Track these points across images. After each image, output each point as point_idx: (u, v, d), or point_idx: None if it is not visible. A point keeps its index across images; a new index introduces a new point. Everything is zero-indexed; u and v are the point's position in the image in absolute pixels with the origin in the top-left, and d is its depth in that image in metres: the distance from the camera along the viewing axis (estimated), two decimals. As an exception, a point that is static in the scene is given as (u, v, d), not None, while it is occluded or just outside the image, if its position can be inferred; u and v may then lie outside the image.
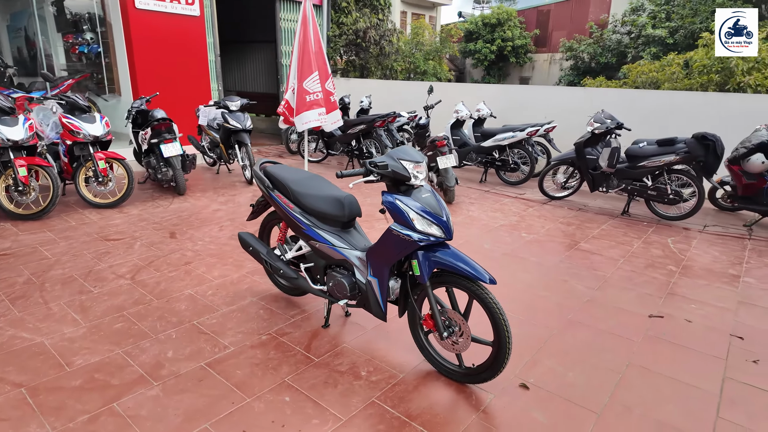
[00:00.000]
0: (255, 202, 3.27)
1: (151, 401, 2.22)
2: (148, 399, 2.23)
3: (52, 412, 2.12)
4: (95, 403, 2.19)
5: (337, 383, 2.40)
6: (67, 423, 2.06)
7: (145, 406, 2.18)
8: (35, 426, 2.04)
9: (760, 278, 3.92)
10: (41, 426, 2.04)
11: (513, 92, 8.52)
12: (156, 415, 2.13)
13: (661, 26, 16.25)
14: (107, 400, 2.22)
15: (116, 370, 2.44)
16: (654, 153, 5.35)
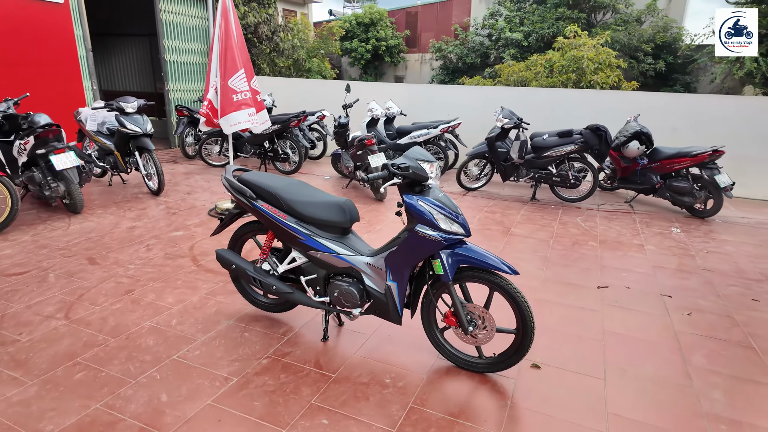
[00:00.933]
0: (223, 215, 2.96)
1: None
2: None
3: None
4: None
5: (367, 395, 2.32)
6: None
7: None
8: None
9: (657, 245, 4.71)
10: None
11: (417, 91, 8.89)
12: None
13: (516, 30, 18.20)
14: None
15: (107, 428, 2.03)
16: (556, 144, 6.06)
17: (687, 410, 2.28)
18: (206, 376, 2.41)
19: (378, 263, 2.48)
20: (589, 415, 2.22)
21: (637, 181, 6.14)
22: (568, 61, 11.94)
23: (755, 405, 2.35)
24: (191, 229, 4.65)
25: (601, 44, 12.54)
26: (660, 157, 5.91)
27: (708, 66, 16.01)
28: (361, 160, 6.02)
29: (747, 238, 5.06)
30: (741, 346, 2.88)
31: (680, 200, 5.81)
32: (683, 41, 16.68)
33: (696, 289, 3.71)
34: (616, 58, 12.08)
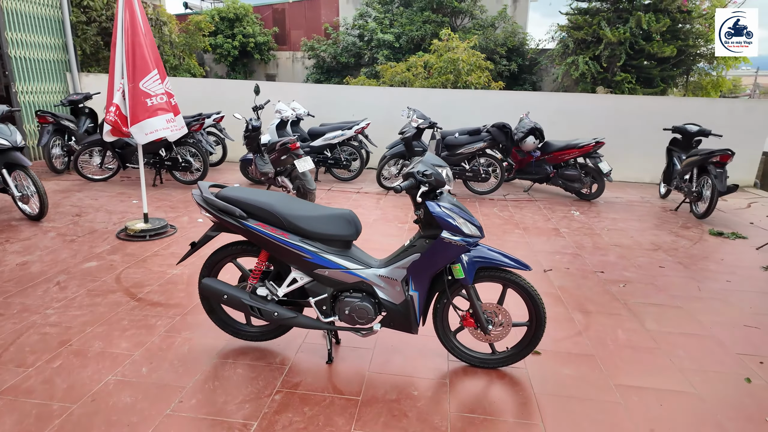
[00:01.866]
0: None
1: None
2: None
3: None
4: None
5: (404, 412, 2.24)
6: None
7: None
8: None
9: (568, 227, 5.35)
10: None
11: (318, 91, 8.71)
12: None
13: (388, 32, 18.89)
14: None
15: None
16: (467, 141, 6.48)
17: (664, 367, 2.66)
18: (220, 426, 2.10)
19: (393, 274, 2.41)
20: (599, 389, 2.46)
21: (532, 172, 6.87)
22: (445, 62, 12.78)
23: (699, 353, 2.83)
24: (106, 258, 3.95)
25: (471, 47, 13.68)
26: (551, 150, 6.69)
27: (548, 67, 18.48)
28: (284, 165, 5.73)
29: (628, 214, 6.03)
30: (672, 307, 3.44)
31: (571, 186, 6.66)
32: (528, 45, 18.95)
33: (616, 263, 4.31)
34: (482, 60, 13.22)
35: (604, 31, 14.21)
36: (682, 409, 2.32)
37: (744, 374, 2.62)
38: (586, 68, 14.64)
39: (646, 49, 15.10)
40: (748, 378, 2.58)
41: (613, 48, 14.52)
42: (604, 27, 14.41)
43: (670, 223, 5.70)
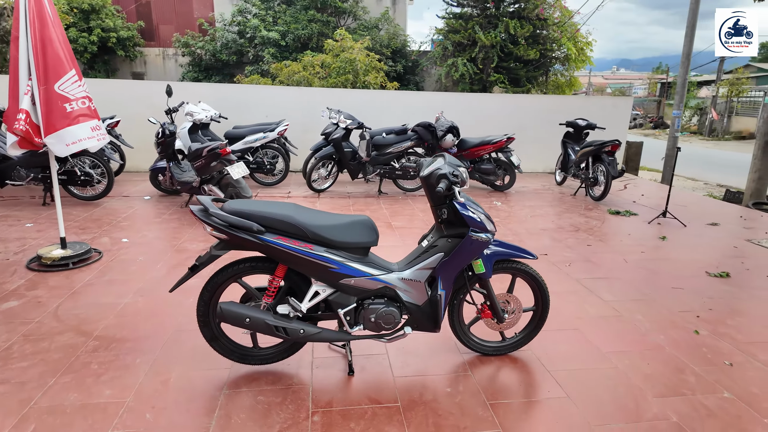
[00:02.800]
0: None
1: None
2: None
3: None
4: None
5: (448, 410, 2.27)
6: None
7: None
8: None
9: (497, 216, 5.80)
10: None
11: (227, 91, 8.15)
12: None
13: (272, 29, 18.35)
14: None
15: None
16: (395, 141, 6.64)
17: (632, 331, 3.07)
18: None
19: (416, 276, 2.42)
20: (595, 358, 2.76)
21: (452, 168, 7.28)
22: (343, 62, 12.86)
23: (651, 315, 3.33)
24: (27, 295, 3.29)
25: (365, 48, 13.94)
26: (468, 146, 7.16)
27: (429, 68, 19.62)
28: (210, 172, 5.30)
29: (540, 201, 6.73)
30: (614, 279, 3.97)
31: (487, 179, 7.21)
32: (410, 47, 19.86)
33: (553, 245, 4.81)
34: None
35: (478, 35, 15.46)
36: (663, 362, 2.72)
37: (691, 328, 3.14)
38: (465, 69, 15.86)
39: (514, 52, 16.78)
40: (696, 330, 3.10)
41: (487, 51, 15.90)
42: (478, 31, 15.70)
43: (576, 206, 6.50)
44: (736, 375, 2.62)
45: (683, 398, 2.40)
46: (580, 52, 20.13)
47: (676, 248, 4.84)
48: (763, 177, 8.26)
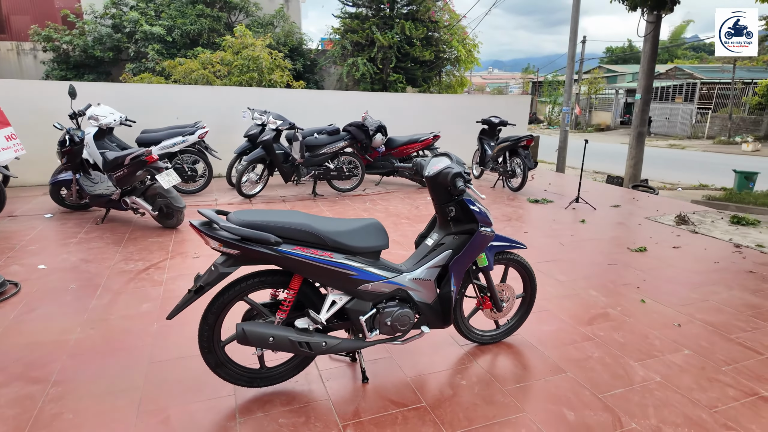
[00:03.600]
0: (203, 281, 2.07)
1: None
2: None
3: None
4: None
5: (472, 402, 2.33)
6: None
7: None
8: None
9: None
10: None
11: (128, 91, 7.28)
12: None
13: (156, 24, 16.90)
14: None
15: None
16: (328, 141, 6.53)
17: (593, 305, 3.42)
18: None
19: (426, 275, 2.44)
20: (573, 334, 3.03)
21: (380, 166, 7.39)
22: (245, 60, 12.30)
23: (602, 291, 3.74)
24: None
25: (267, 45, 13.47)
26: (396, 145, 7.32)
27: (328, 67, 19.61)
28: (134, 182, 4.76)
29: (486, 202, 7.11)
30: (560, 261, 4.36)
31: (415, 176, 7.42)
32: (306, 45, 19.61)
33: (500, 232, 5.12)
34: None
35: (376, 35, 15.80)
36: (629, 331, 3.07)
37: (637, 298, 3.59)
38: (366, 69, 16.13)
39: (410, 53, 17.45)
40: (642, 299, 3.56)
41: (385, 51, 16.32)
42: (375, 31, 16.03)
43: (500, 197, 6.99)
44: (686, 333, 3.05)
45: (657, 359, 2.74)
46: (468, 53, 21.50)
47: (595, 229, 5.46)
48: (638, 163, 9.66)
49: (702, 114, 26.25)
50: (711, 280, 3.97)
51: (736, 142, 22.05)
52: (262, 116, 6.44)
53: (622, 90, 34.48)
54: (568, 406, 2.31)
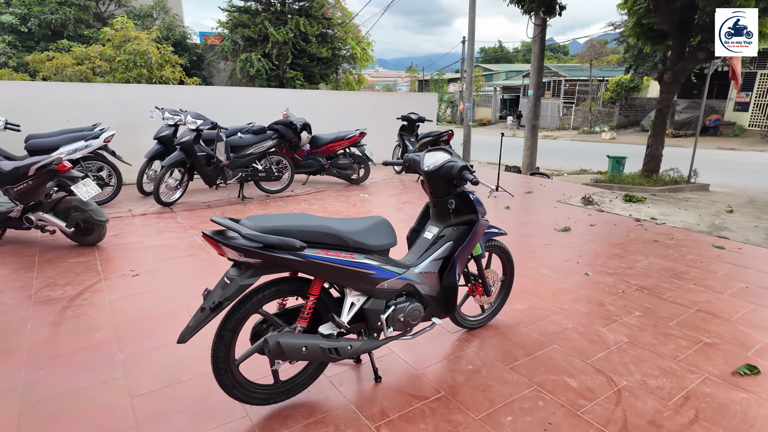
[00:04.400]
0: (220, 296, 1.88)
1: None
2: None
3: None
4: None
5: (486, 384, 2.43)
6: None
7: None
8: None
9: (380, 207, 6.08)
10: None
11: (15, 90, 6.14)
12: None
13: (5, 12, 14.62)
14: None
15: None
16: (255, 141, 6.20)
17: (551, 283, 3.75)
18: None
19: (430, 267, 2.49)
20: (546, 310, 3.29)
21: (307, 165, 7.24)
22: (131, 55, 11.17)
23: (553, 268, 4.12)
24: None
25: (153, 39, 12.37)
26: (322, 143, 7.21)
27: (216, 63, 18.59)
28: (39, 196, 4.10)
29: (399, 189, 7.28)
30: (503, 246, 4.68)
31: (344, 174, 7.40)
32: (190, 39, 18.36)
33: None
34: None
35: (270, 30, 15.34)
36: (586, 301, 3.43)
37: (581, 272, 4.01)
38: (261, 65, 15.60)
39: (307, 50, 17.26)
40: (587, 273, 3.98)
41: (280, 47, 15.93)
42: (268, 26, 15.55)
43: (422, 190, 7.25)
44: (631, 298, 3.50)
45: (618, 323, 3.11)
46: (363, 52, 21.86)
47: (521, 214, 5.96)
48: (533, 153, 10.69)
49: (567, 107, 29.79)
50: (630, 250, 4.58)
51: (596, 132, 25.43)
52: (176, 116, 5.91)
53: (498, 87, 37.68)
54: (567, 374, 2.53)
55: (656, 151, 8.72)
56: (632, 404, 2.28)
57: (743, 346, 2.84)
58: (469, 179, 2.39)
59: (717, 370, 2.59)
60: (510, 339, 2.91)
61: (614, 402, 2.30)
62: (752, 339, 2.92)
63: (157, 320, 3.01)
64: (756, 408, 2.27)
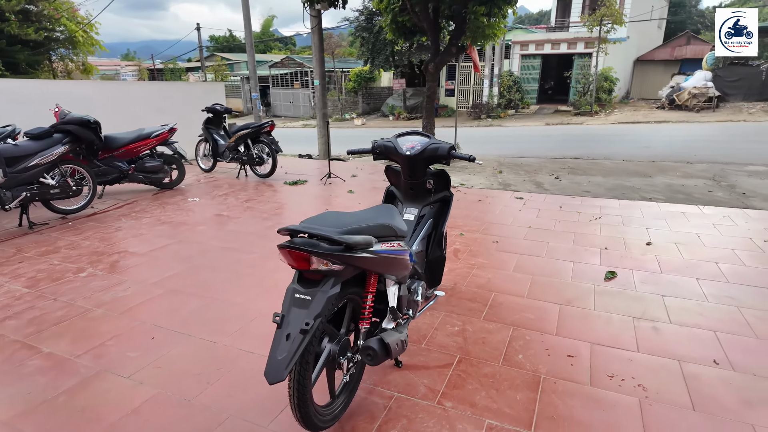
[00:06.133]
0: (307, 316, 1.61)
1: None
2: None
3: None
4: None
5: (483, 336, 2.74)
6: None
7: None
8: None
9: (228, 212, 5.49)
10: None
11: None
12: None
13: None
14: None
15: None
16: (39, 149, 4.68)
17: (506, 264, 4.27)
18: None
19: (420, 246, 2.61)
20: (499, 278, 3.78)
21: (102, 174, 5.88)
22: None
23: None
24: None
25: None
26: (119, 144, 5.97)
27: None
28: None
29: (225, 190, 6.66)
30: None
31: (154, 178, 6.30)
32: None
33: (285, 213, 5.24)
34: None
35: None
36: (515, 270, 4.07)
37: (492, 240, 4.65)
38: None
39: (5, 30, 13.77)
40: (496, 240, 4.65)
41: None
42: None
43: (259, 186, 6.88)
44: (505, 246, 4.33)
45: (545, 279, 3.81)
46: (86, 35, 18.51)
47: (368, 195, 6.33)
48: (327, 139, 11.17)
49: (317, 97, 31.62)
50: (476, 209, 5.52)
51: (348, 119, 27.95)
52: None
53: (245, 77, 36.91)
54: (521, 311, 3.06)
55: (430, 131, 10.39)
56: (568, 313, 2.97)
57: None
58: (464, 157, 2.58)
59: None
60: (464, 298, 3.27)
61: (577, 317, 2.94)
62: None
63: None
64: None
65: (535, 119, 20.84)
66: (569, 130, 17.04)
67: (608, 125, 18.00)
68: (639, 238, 4.40)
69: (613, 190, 6.80)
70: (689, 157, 9.83)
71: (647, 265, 3.75)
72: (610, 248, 4.14)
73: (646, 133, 15.02)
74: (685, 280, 3.46)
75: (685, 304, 3.09)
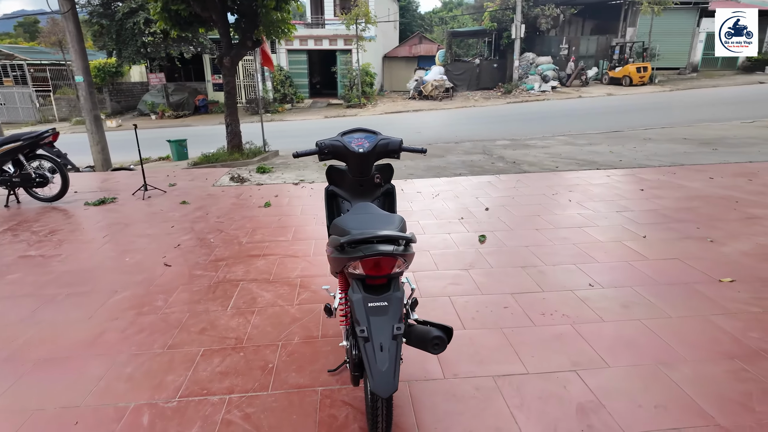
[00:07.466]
0: (392, 321, 1.63)
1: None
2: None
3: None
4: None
5: (478, 311, 3.00)
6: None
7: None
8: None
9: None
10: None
11: None
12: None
13: None
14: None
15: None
16: None
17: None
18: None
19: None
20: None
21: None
22: None
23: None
24: None
25: None
26: None
27: None
28: None
29: (41, 227, 5.01)
30: (224, 233, 4.65)
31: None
32: None
33: (170, 244, 4.47)
34: None
35: None
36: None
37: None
38: None
39: None
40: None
41: None
42: None
43: (36, 214, 5.39)
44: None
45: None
46: None
47: (207, 204, 5.71)
48: (105, 147, 9.38)
49: (44, 97, 25.48)
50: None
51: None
52: None
53: None
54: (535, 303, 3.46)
55: (236, 129, 9.81)
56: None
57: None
58: (416, 150, 2.71)
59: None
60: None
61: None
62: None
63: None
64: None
65: (312, 113, 21.74)
66: (348, 122, 18.45)
67: (378, 116, 20.19)
68: (478, 206, 5.33)
69: (428, 170, 7.87)
70: (455, 138, 11.99)
71: (498, 225, 4.62)
72: (465, 218, 4.91)
73: (412, 121, 17.48)
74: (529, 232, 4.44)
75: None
